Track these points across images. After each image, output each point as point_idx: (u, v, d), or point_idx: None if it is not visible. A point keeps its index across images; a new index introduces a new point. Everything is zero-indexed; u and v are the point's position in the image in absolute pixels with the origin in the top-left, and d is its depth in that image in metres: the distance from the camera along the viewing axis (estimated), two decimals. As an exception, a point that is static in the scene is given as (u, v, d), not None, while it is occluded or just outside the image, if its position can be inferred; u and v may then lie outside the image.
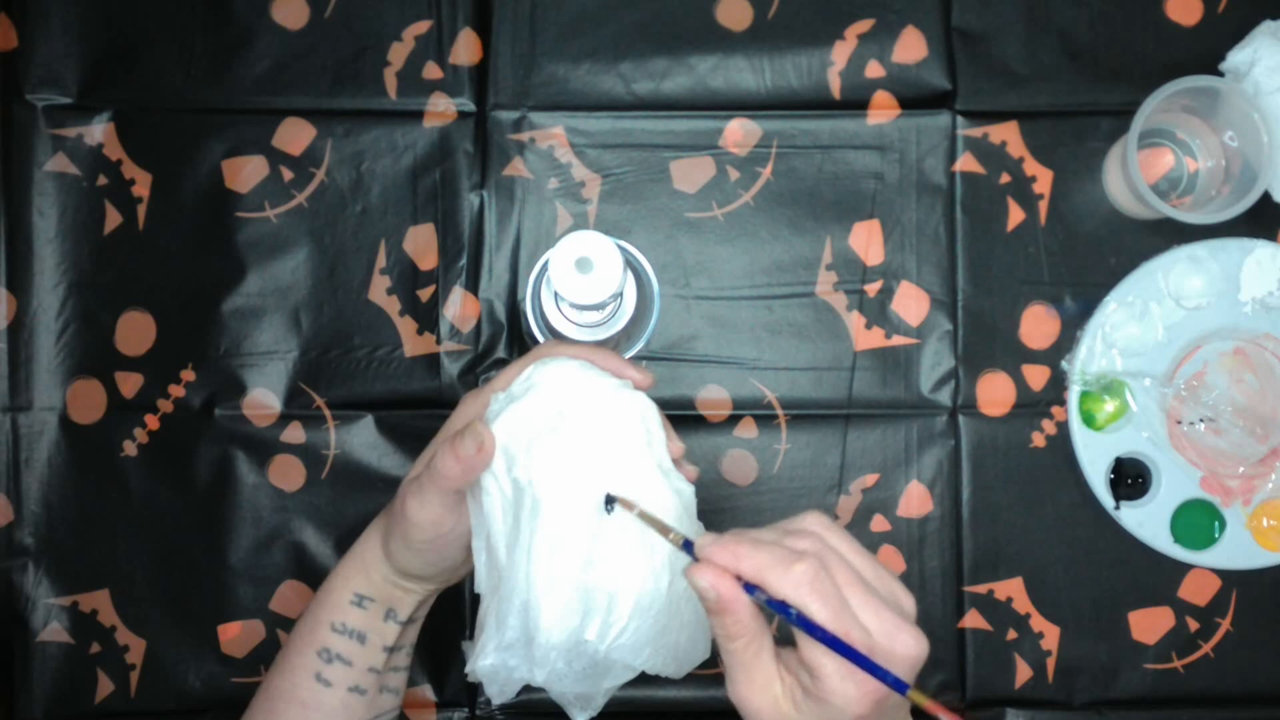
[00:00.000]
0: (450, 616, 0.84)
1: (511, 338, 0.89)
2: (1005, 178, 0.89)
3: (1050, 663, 0.88)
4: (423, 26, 0.90)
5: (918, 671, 0.54)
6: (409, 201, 0.89)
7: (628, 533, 0.65)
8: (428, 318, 0.89)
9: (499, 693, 0.68)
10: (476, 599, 0.67)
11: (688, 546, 0.57)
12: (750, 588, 0.54)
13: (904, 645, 0.53)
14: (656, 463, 0.67)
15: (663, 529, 0.61)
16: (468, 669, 0.67)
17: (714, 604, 0.54)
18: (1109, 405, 0.87)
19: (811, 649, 0.53)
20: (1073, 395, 0.87)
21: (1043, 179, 0.89)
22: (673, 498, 0.67)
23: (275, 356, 0.89)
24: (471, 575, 0.69)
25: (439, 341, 0.89)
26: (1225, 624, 0.88)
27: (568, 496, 0.65)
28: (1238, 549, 0.87)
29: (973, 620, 0.88)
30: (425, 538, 0.70)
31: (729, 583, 0.54)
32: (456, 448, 0.66)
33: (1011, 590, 0.88)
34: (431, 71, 0.90)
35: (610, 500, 0.65)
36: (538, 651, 0.64)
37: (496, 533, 0.66)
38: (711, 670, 0.88)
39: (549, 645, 0.64)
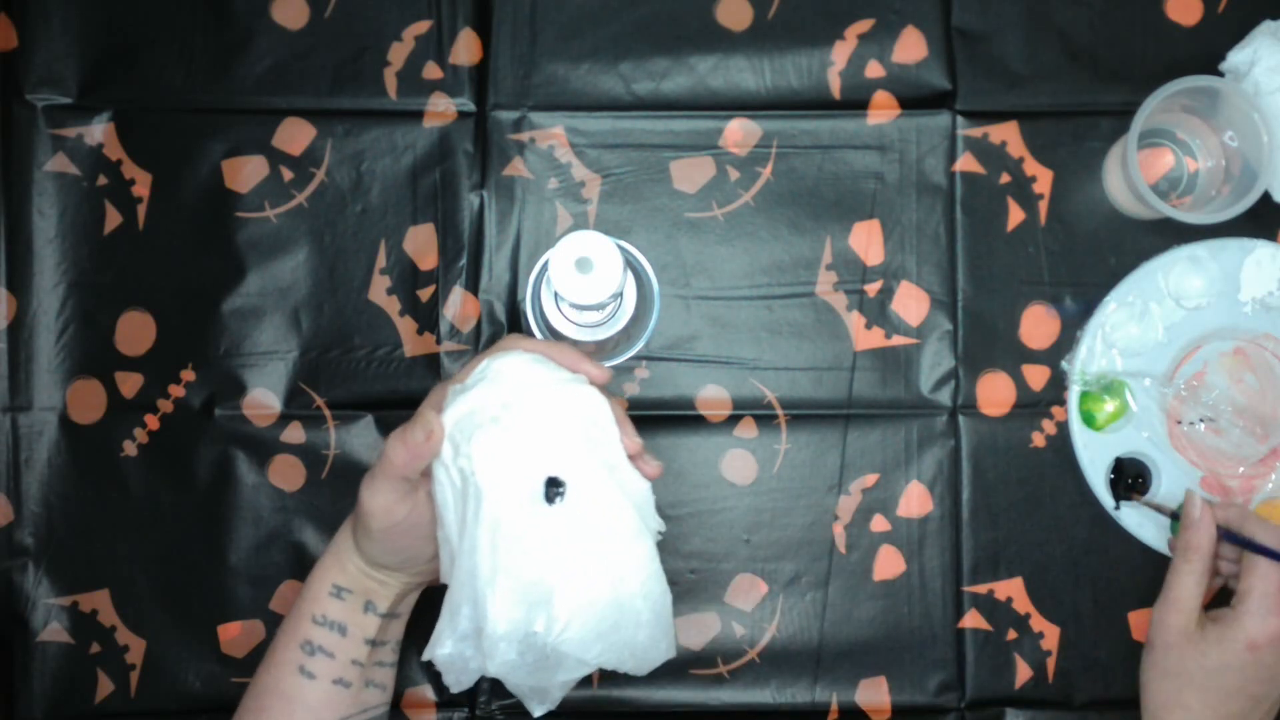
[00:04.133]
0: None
1: (511, 338, 0.89)
2: (1005, 178, 0.89)
3: (1050, 663, 0.88)
4: (423, 26, 0.90)
5: None
6: (409, 201, 0.89)
7: (570, 527, 0.65)
8: (428, 318, 0.89)
9: (455, 682, 0.68)
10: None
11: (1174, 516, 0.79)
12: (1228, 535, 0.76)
13: None
14: (602, 459, 0.67)
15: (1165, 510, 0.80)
16: (424, 656, 0.67)
17: (1189, 519, 0.77)
18: (1109, 405, 0.87)
19: (1249, 576, 0.74)
20: (1073, 395, 0.87)
21: (1043, 179, 0.89)
22: (618, 494, 0.67)
23: (275, 356, 0.89)
24: None
25: (439, 341, 0.89)
26: (1225, 624, 0.88)
27: (506, 487, 0.65)
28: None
29: (973, 620, 0.88)
30: (379, 526, 0.70)
31: (1204, 508, 0.77)
32: (405, 435, 0.67)
33: (1011, 590, 0.88)
34: (431, 71, 0.90)
35: (550, 488, 0.65)
36: (486, 642, 0.65)
37: (450, 522, 0.67)
38: (710, 671, 0.88)
39: (496, 636, 0.64)
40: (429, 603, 0.79)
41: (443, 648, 0.67)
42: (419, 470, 0.69)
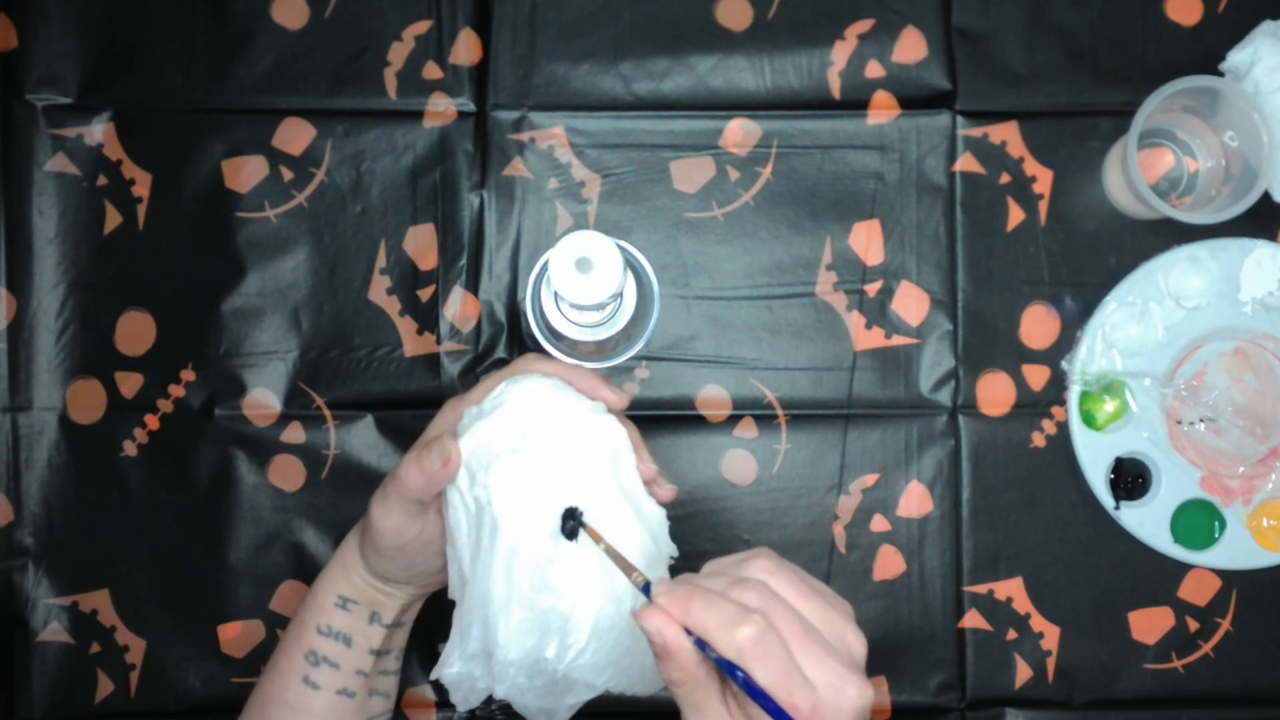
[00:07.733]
0: (448, 617, 0.84)
1: (511, 338, 0.89)
2: (1005, 178, 0.89)
3: (1050, 663, 0.88)
4: (423, 26, 0.90)
5: (866, 717, 0.55)
6: (409, 201, 0.89)
7: (586, 556, 0.64)
8: (428, 318, 0.89)
9: (463, 701, 0.68)
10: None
11: (647, 589, 0.57)
12: (701, 641, 0.54)
13: (849, 698, 0.53)
14: (620, 488, 0.67)
15: (626, 568, 0.61)
16: (432, 675, 0.67)
17: (659, 649, 0.55)
18: (1109, 405, 0.87)
19: (754, 706, 0.53)
20: (1073, 395, 0.87)
21: (1043, 179, 0.89)
22: (636, 523, 0.66)
23: (275, 356, 0.89)
24: None
25: (439, 341, 0.89)
26: (1225, 624, 0.88)
27: (525, 519, 0.65)
28: (1238, 549, 0.87)
29: (973, 620, 0.88)
30: (390, 544, 0.70)
31: (674, 630, 0.54)
32: (422, 461, 0.67)
33: (1011, 590, 0.88)
34: (431, 71, 0.90)
35: (566, 523, 0.65)
36: (496, 667, 0.64)
37: (462, 544, 0.67)
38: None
39: (506, 661, 0.64)
40: (431, 606, 0.79)
41: (451, 667, 0.67)
42: (433, 494, 0.68)
